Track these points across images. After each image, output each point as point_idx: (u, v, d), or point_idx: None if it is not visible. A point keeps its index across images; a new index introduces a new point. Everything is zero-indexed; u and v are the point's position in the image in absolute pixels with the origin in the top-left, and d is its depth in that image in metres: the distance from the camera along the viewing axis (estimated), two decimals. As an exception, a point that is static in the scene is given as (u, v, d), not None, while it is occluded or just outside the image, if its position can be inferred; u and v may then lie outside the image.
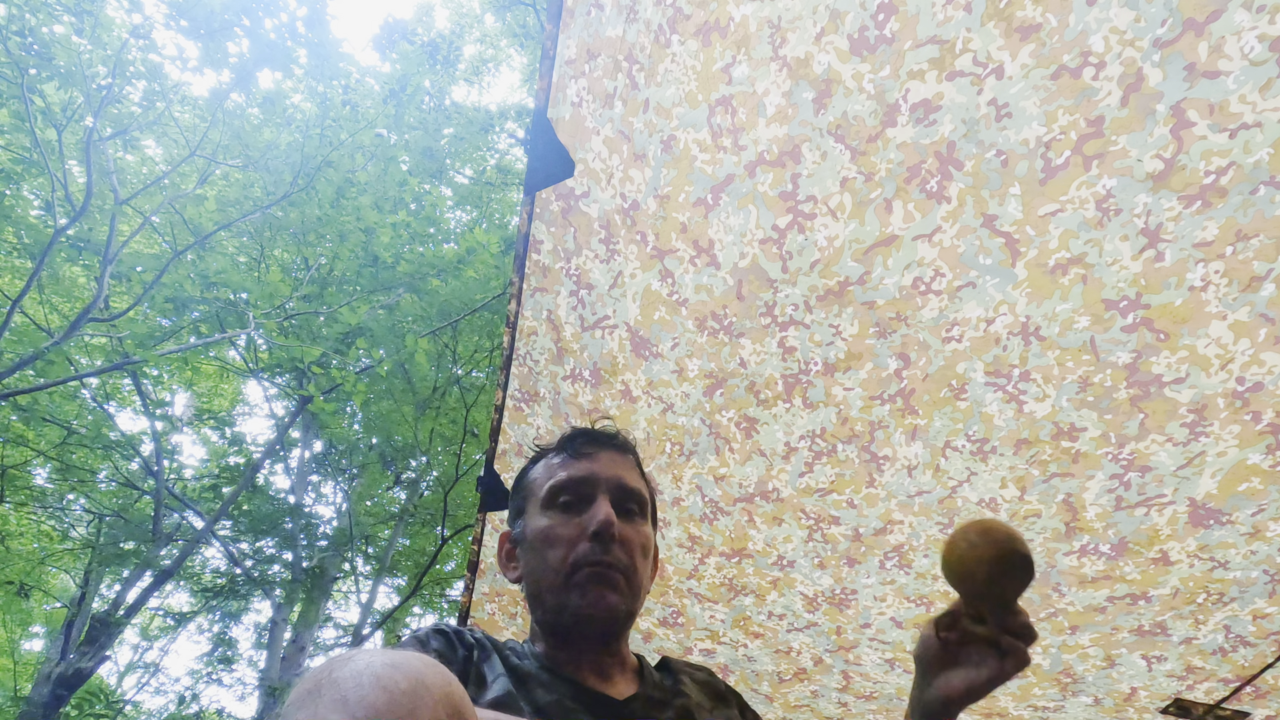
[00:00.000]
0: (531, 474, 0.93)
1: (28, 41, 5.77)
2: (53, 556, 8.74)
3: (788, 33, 1.21)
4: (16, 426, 6.89)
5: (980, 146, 1.22)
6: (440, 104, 9.80)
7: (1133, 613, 1.74)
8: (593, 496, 0.85)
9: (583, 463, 0.88)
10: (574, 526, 0.83)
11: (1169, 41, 1.06)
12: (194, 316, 7.22)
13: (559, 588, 0.82)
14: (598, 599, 0.80)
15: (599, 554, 0.81)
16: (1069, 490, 1.56)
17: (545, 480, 0.89)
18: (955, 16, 1.12)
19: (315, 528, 8.28)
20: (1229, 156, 1.12)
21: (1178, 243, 1.22)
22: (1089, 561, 1.66)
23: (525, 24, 9.70)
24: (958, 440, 1.57)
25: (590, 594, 0.80)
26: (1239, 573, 1.59)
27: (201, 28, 6.66)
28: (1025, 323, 1.38)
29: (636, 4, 1.29)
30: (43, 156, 5.96)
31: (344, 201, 7.61)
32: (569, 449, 0.90)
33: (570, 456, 0.89)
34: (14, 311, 5.57)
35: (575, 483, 0.86)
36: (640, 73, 1.35)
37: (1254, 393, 1.33)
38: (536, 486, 0.90)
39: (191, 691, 9.37)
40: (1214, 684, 1.85)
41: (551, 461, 0.91)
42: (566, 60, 1.42)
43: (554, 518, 0.85)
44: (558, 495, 0.86)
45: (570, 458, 0.89)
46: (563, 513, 0.85)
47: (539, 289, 1.69)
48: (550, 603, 0.83)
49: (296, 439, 9.04)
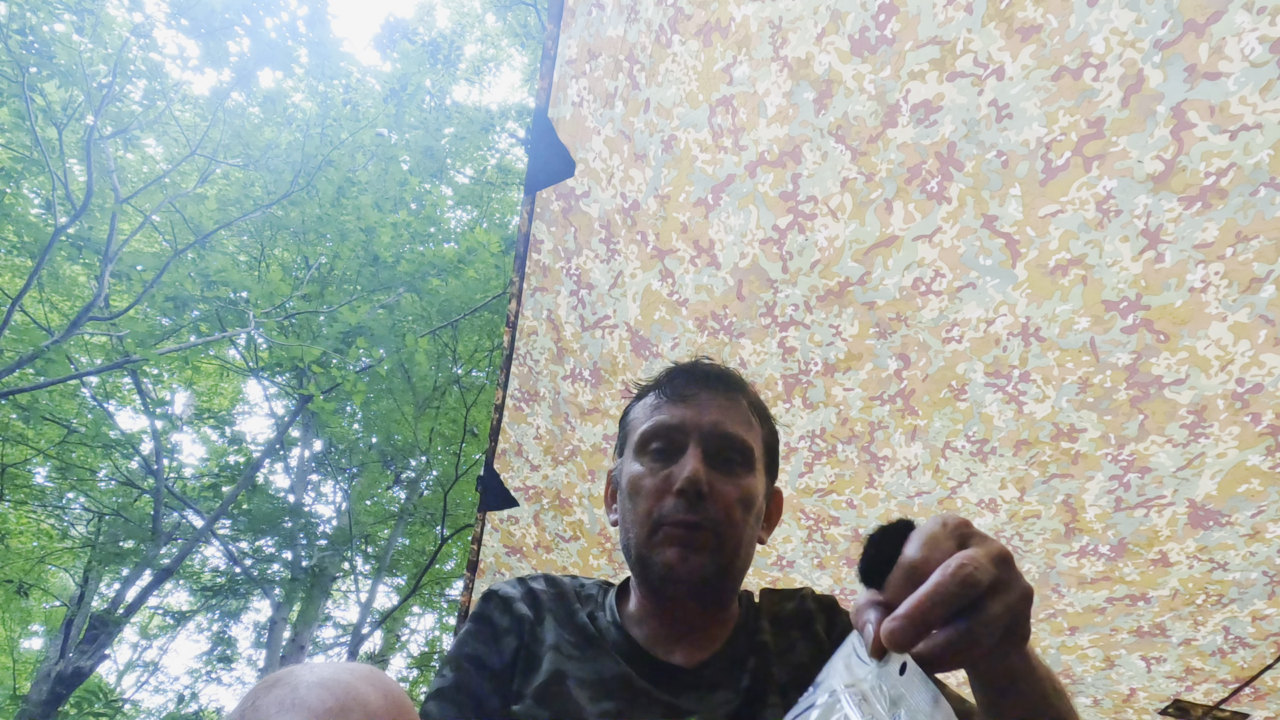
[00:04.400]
0: (632, 413, 0.87)
1: (28, 40, 5.77)
2: (52, 555, 8.74)
3: (789, 33, 1.21)
4: (16, 425, 6.89)
5: (981, 147, 1.23)
6: (441, 103, 9.80)
7: (1132, 614, 1.74)
8: (685, 445, 0.78)
9: (678, 407, 0.80)
10: (662, 478, 0.77)
11: (1170, 43, 1.06)
12: (194, 315, 7.22)
13: (644, 542, 0.77)
14: (680, 560, 0.74)
15: (684, 511, 0.75)
16: (1069, 491, 1.56)
17: (640, 423, 0.82)
18: (956, 17, 1.12)
19: (315, 527, 8.28)
20: (1229, 158, 1.12)
21: (1178, 244, 1.22)
22: (1088, 562, 1.66)
23: (526, 24, 9.70)
24: (957, 441, 1.57)
25: (672, 553, 0.74)
26: (1238, 574, 1.59)
27: (202, 27, 6.66)
28: (1025, 323, 1.38)
29: (637, 4, 1.29)
30: (43, 155, 5.96)
31: (344, 201, 7.61)
32: (667, 390, 0.83)
33: (667, 398, 0.82)
34: (14, 310, 5.57)
35: (668, 429, 0.79)
36: (641, 73, 1.35)
37: (1254, 394, 1.33)
38: (633, 428, 0.84)
39: (191, 690, 9.37)
40: (1213, 685, 1.85)
41: (648, 402, 0.84)
42: (567, 60, 1.42)
43: (645, 465, 0.79)
44: (649, 442, 0.80)
45: (667, 400, 0.82)
46: (654, 460, 0.79)
47: (539, 289, 1.69)
48: (637, 555, 0.78)
49: (296, 438, 9.04)
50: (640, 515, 0.78)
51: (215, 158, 7.28)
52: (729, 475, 0.78)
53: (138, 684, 10.30)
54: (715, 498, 0.76)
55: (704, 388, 0.82)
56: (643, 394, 0.87)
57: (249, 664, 9.41)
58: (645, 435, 0.80)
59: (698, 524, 0.75)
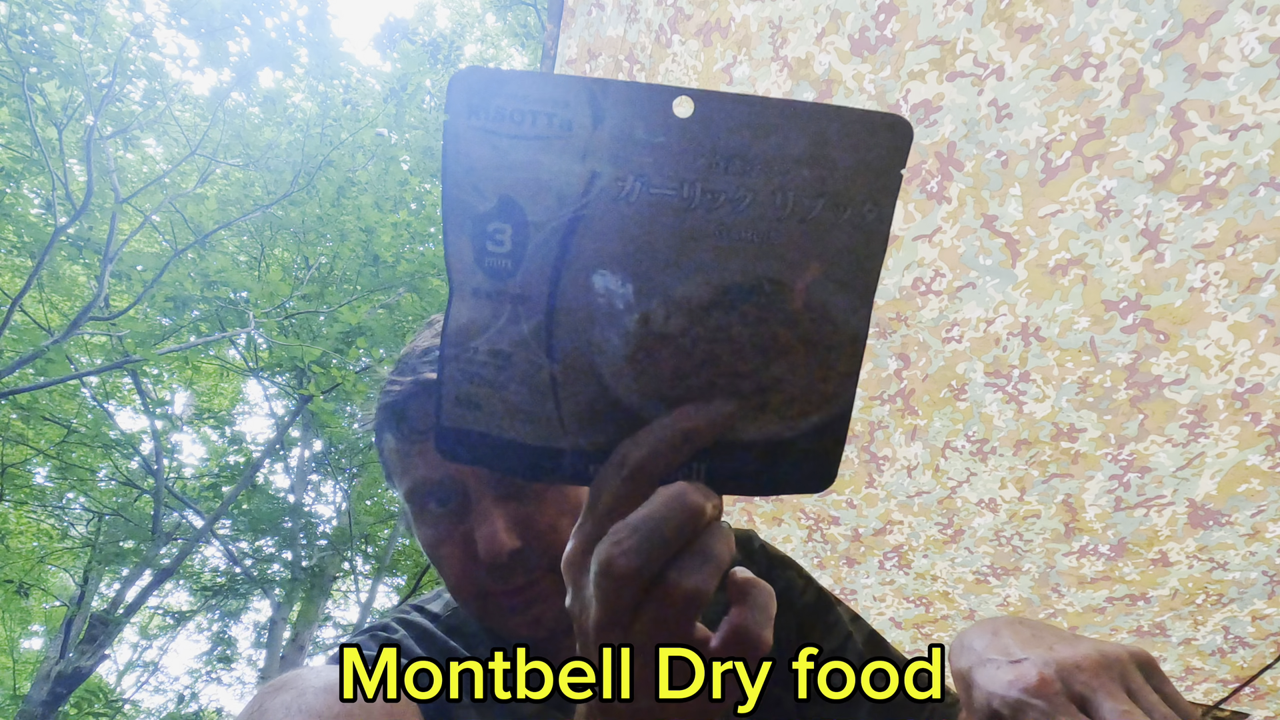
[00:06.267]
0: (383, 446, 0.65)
1: (28, 40, 5.77)
2: (52, 555, 8.74)
3: (789, 33, 1.21)
4: (16, 425, 6.90)
5: (980, 147, 1.23)
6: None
7: (1132, 613, 1.74)
8: (465, 493, 0.59)
9: (426, 450, 0.60)
10: (461, 543, 0.60)
11: (1169, 43, 1.06)
12: (194, 315, 7.23)
13: (473, 612, 0.63)
14: (525, 623, 0.60)
15: (502, 582, 0.59)
16: (1068, 491, 1.56)
17: (397, 473, 0.62)
18: (956, 17, 1.12)
19: (315, 527, 8.28)
20: (1229, 158, 1.12)
21: (1178, 244, 1.22)
22: (1088, 562, 1.67)
23: (526, 24, 9.71)
24: (957, 441, 1.57)
25: (511, 621, 0.60)
26: (1238, 574, 1.59)
27: (202, 27, 6.66)
28: (1025, 323, 1.38)
29: (637, 4, 1.29)
30: (43, 155, 5.96)
31: (345, 201, 7.61)
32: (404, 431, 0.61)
33: (411, 442, 0.60)
34: (14, 310, 5.58)
35: (433, 487, 0.59)
36: (641, 72, 1.35)
37: (1253, 394, 1.33)
38: (392, 475, 0.64)
39: (191, 690, 9.38)
40: (1213, 685, 1.85)
41: (389, 442, 0.62)
42: (567, 60, 1.42)
43: (430, 525, 0.61)
44: (422, 502, 0.61)
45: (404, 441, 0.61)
46: (438, 520, 0.61)
47: (539, 288, 1.69)
48: (473, 615, 0.64)
49: (296, 438, 9.05)
50: (453, 586, 0.62)
51: (215, 158, 7.28)
52: (534, 496, 0.60)
53: (138, 684, 10.31)
54: (533, 541, 0.59)
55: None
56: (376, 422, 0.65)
57: (249, 664, 9.42)
58: (411, 495, 0.61)
59: (525, 585, 0.60)
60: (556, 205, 0.29)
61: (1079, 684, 0.41)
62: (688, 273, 0.30)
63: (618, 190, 0.29)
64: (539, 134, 0.28)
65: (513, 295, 0.30)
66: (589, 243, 0.29)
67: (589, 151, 0.28)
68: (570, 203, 0.29)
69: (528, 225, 0.29)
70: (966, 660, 0.48)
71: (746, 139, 0.28)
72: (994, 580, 1.80)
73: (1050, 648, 0.44)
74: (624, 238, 0.29)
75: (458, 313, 0.31)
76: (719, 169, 0.29)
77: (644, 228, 0.29)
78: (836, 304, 0.30)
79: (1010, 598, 1.83)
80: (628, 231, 0.29)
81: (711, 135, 0.28)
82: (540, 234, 0.29)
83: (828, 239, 0.30)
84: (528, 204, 0.29)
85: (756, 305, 0.30)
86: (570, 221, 0.29)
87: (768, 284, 0.30)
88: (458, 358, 0.31)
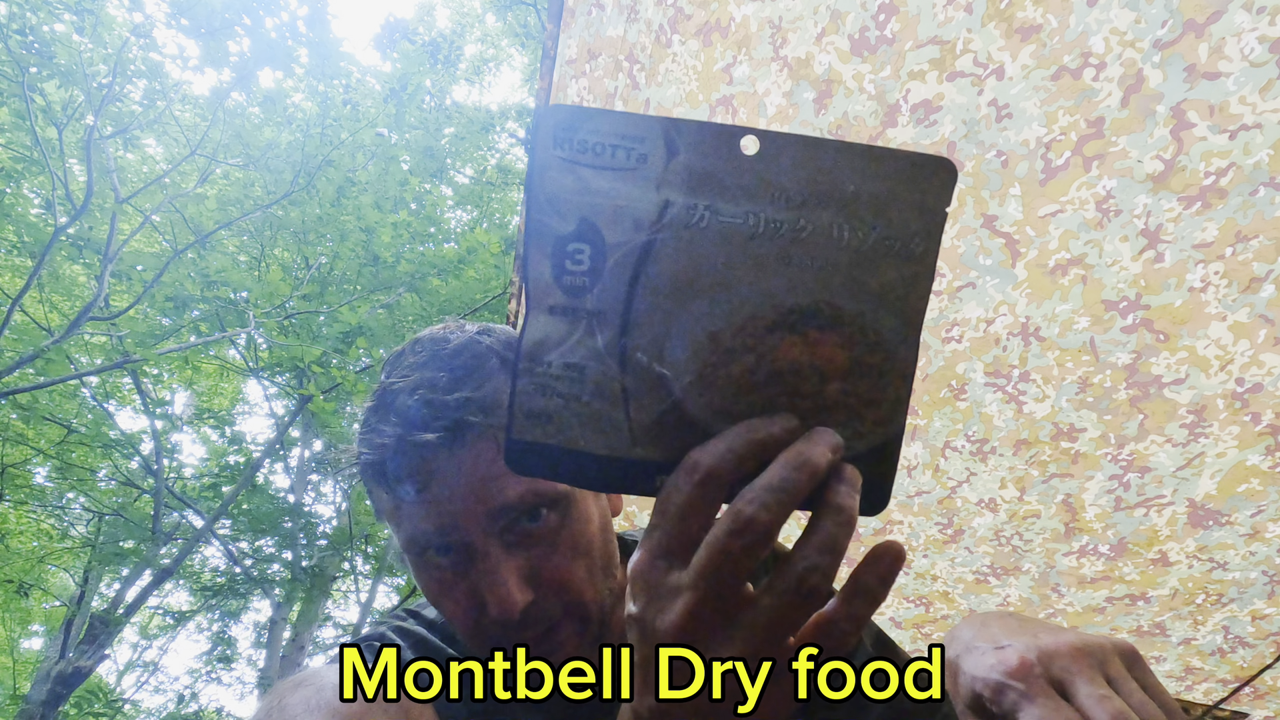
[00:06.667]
0: (368, 486, 0.60)
1: (28, 40, 5.77)
2: (52, 555, 8.75)
3: (788, 33, 1.21)
4: (16, 425, 6.90)
5: (980, 147, 1.23)
6: (441, 103, 9.81)
7: (1132, 613, 1.74)
8: (469, 545, 0.54)
9: (422, 506, 0.55)
10: (465, 593, 0.56)
11: (1169, 42, 1.06)
12: (194, 315, 7.23)
13: (477, 649, 0.59)
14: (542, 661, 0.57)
15: (516, 635, 0.55)
16: (1068, 491, 1.56)
17: (391, 522, 0.58)
18: (956, 17, 1.12)
19: (315, 527, 8.28)
20: (1229, 158, 1.12)
21: (1177, 244, 1.22)
22: (1088, 562, 1.67)
23: (526, 24, 9.71)
24: (957, 440, 1.57)
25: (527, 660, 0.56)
26: (1238, 574, 1.59)
27: (202, 26, 6.67)
28: (1025, 323, 1.38)
29: (637, 4, 1.29)
30: (43, 155, 5.96)
31: (345, 201, 7.62)
32: (386, 486, 0.56)
33: (395, 496, 0.56)
34: (14, 310, 5.58)
35: (434, 536, 0.55)
36: (641, 72, 1.35)
37: (1253, 394, 1.33)
38: (383, 516, 0.60)
39: (190, 690, 9.38)
40: (1213, 685, 1.85)
41: (380, 494, 0.58)
42: (567, 60, 1.42)
43: (433, 575, 0.57)
44: (421, 552, 0.56)
45: (395, 498, 0.56)
46: (440, 570, 0.56)
47: (539, 288, 1.69)
48: (475, 651, 0.60)
49: (296, 438, 9.05)
50: (463, 636, 0.59)
51: (215, 158, 7.28)
52: (543, 541, 0.56)
53: (138, 684, 10.31)
54: (547, 590, 0.55)
55: (440, 451, 0.54)
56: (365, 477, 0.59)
57: (249, 664, 9.42)
58: (410, 547, 0.57)
59: (543, 633, 0.56)
60: (633, 229, 0.32)
61: (1058, 669, 0.41)
62: (753, 294, 0.32)
63: (689, 217, 0.32)
64: (618, 165, 0.31)
65: (588, 311, 0.32)
66: (662, 263, 0.32)
67: (663, 182, 0.31)
68: (645, 227, 0.32)
69: (606, 246, 0.32)
70: (955, 649, 0.49)
71: (806, 175, 0.31)
72: (994, 580, 1.80)
73: (1034, 636, 0.44)
74: (694, 260, 0.32)
75: (533, 330, 0.32)
76: (781, 201, 0.32)
77: (713, 252, 0.32)
78: (888, 331, 0.33)
79: (1010, 598, 1.83)
80: (698, 255, 0.32)
81: (775, 171, 0.31)
82: (617, 254, 0.32)
83: (880, 269, 0.32)
84: (606, 227, 0.32)
85: (816, 327, 0.32)
86: (645, 244, 0.32)
87: (826, 307, 0.32)
88: (530, 372, 0.33)
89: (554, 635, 0.57)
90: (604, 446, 0.33)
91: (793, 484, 0.30)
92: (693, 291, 0.32)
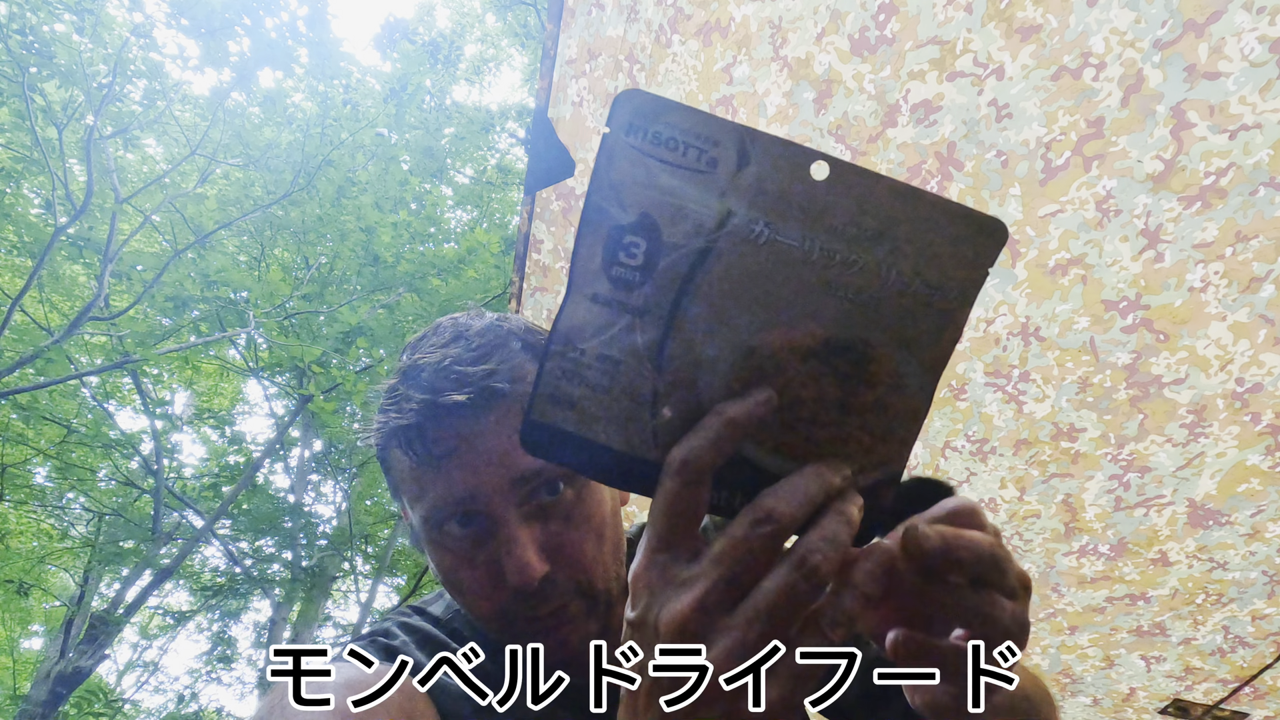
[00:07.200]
0: (391, 464, 0.61)
1: (29, 40, 5.77)
2: (52, 555, 8.75)
3: (788, 33, 1.21)
4: (16, 425, 6.90)
5: (980, 147, 1.23)
6: (441, 103, 9.81)
7: (1132, 613, 1.74)
8: (490, 513, 0.56)
9: (448, 471, 0.56)
10: (484, 569, 0.57)
11: (1169, 43, 1.06)
12: (194, 315, 7.23)
13: (497, 634, 0.60)
14: (553, 645, 0.57)
15: (532, 608, 0.56)
16: (1068, 491, 1.56)
17: (412, 494, 0.59)
18: (956, 17, 1.12)
19: (315, 527, 8.28)
20: (1229, 158, 1.12)
21: (1177, 243, 1.22)
22: (1088, 562, 1.67)
23: (526, 24, 9.71)
24: (957, 440, 1.57)
25: (539, 643, 0.56)
26: (1238, 573, 1.59)
27: (202, 26, 6.67)
28: (1025, 323, 1.38)
29: (637, 4, 1.29)
30: (43, 155, 5.96)
31: (345, 201, 7.62)
32: (419, 449, 0.57)
33: (420, 462, 0.57)
34: (14, 310, 5.58)
35: (455, 505, 0.56)
36: (641, 72, 1.35)
37: (1253, 394, 1.33)
38: (405, 496, 0.60)
39: (190, 690, 9.38)
40: (1213, 684, 1.85)
41: (403, 462, 0.58)
42: (567, 60, 1.42)
43: (450, 548, 0.58)
44: (440, 523, 0.57)
45: (421, 463, 0.57)
46: (458, 542, 0.57)
47: (539, 288, 1.69)
48: (494, 636, 0.61)
49: (296, 438, 9.05)
50: (475, 611, 0.59)
51: (215, 158, 7.28)
52: (559, 515, 0.57)
53: (138, 684, 10.31)
54: (562, 564, 0.57)
55: (465, 424, 0.55)
56: (385, 440, 0.60)
57: (249, 664, 9.41)
58: (429, 518, 0.58)
59: (553, 611, 0.57)
60: (692, 232, 0.32)
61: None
62: (796, 318, 0.32)
63: (748, 231, 0.32)
64: (688, 165, 0.31)
65: (634, 307, 0.32)
66: (714, 273, 0.32)
67: (728, 190, 0.31)
68: (704, 233, 0.32)
69: (662, 245, 0.32)
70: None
71: (868, 210, 0.32)
72: (994, 580, 1.80)
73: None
74: (746, 275, 0.32)
75: (571, 313, 0.32)
76: (838, 232, 0.32)
77: (764, 269, 0.32)
78: (911, 376, 0.33)
79: (1010, 597, 1.83)
80: (750, 270, 0.32)
81: (839, 201, 0.32)
82: (673, 255, 0.32)
83: (917, 316, 0.33)
84: (666, 225, 0.31)
85: (849, 362, 0.33)
86: (701, 250, 0.32)
87: (860, 344, 0.33)
88: (562, 354, 0.32)
89: (565, 611, 0.58)
90: (624, 443, 0.33)
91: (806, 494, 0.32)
92: (738, 306, 0.32)
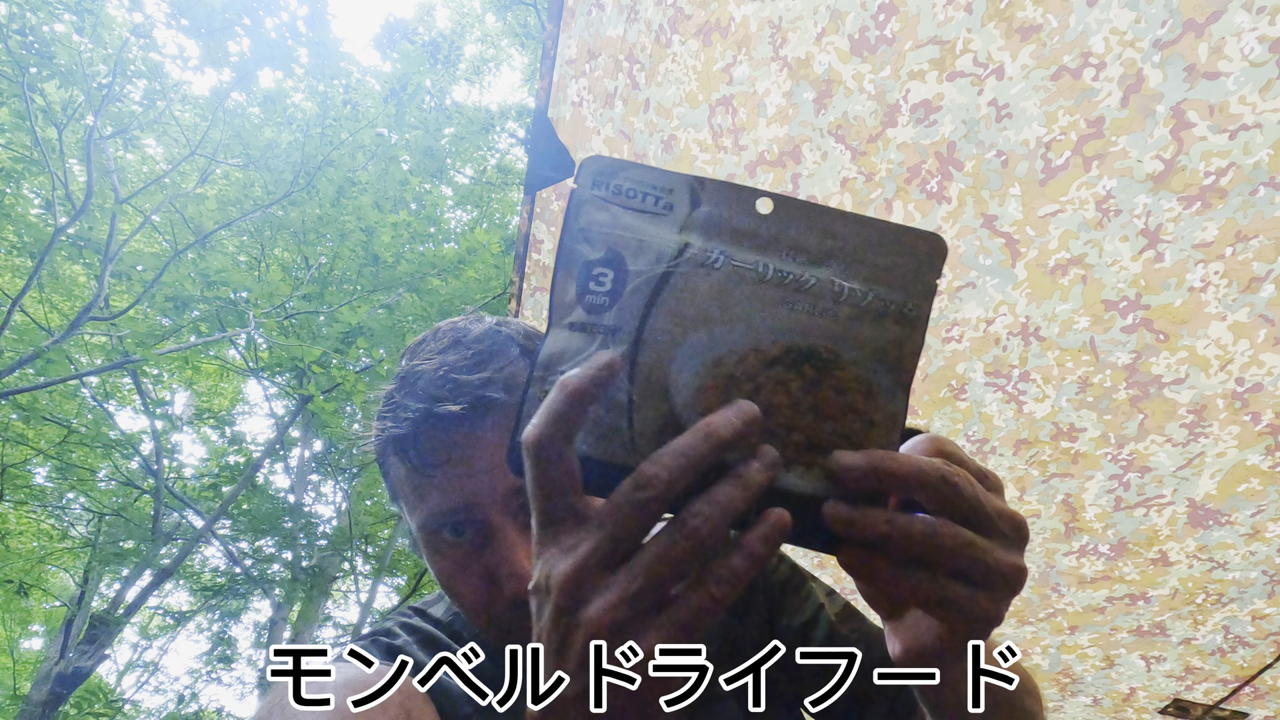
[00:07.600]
0: (386, 467, 0.62)
1: (28, 40, 5.77)
2: (52, 555, 8.75)
3: (788, 33, 1.21)
4: (16, 425, 6.90)
5: (980, 147, 1.23)
6: (441, 103, 9.81)
7: (1132, 613, 1.74)
8: (485, 526, 0.56)
9: (443, 480, 0.57)
10: (479, 573, 0.57)
11: (1169, 42, 1.06)
12: (194, 315, 7.23)
13: (493, 637, 0.60)
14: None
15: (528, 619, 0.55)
16: (1068, 490, 1.56)
17: (407, 502, 0.60)
18: (956, 17, 1.12)
19: (315, 527, 8.28)
20: (1229, 157, 1.12)
21: (1177, 243, 1.22)
22: (1088, 562, 1.67)
23: (526, 24, 9.71)
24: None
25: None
26: (1238, 573, 1.59)
27: (202, 27, 6.67)
28: (1025, 323, 1.38)
29: (637, 4, 1.29)
30: (43, 155, 5.96)
31: (345, 201, 7.61)
32: (408, 459, 0.58)
33: (416, 470, 0.58)
34: (14, 310, 5.58)
35: (449, 514, 0.57)
36: (641, 72, 1.35)
37: (1253, 393, 1.33)
38: (399, 497, 0.61)
39: (190, 690, 9.38)
40: (1213, 684, 1.85)
41: (399, 470, 0.59)
42: (567, 60, 1.42)
43: (444, 554, 0.59)
44: (435, 532, 0.58)
45: (417, 472, 0.58)
46: (452, 548, 0.58)
47: (539, 289, 1.69)
48: (492, 642, 0.61)
49: (296, 438, 9.05)
50: (474, 620, 0.60)
51: (215, 158, 7.28)
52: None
53: (138, 684, 10.31)
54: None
55: (463, 425, 0.56)
56: (383, 448, 0.61)
57: (249, 664, 9.42)
58: (426, 526, 0.58)
59: None
60: (654, 261, 0.35)
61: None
62: (758, 329, 0.35)
63: (705, 257, 0.35)
64: (647, 209, 0.36)
65: (605, 327, 0.35)
66: (677, 292, 0.35)
67: (685, 226, 0.36)
68: (665, 260, 0.35)
69: (628, 273, 0.35)
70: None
71: (814, 237, 0.36)
72: (994, 580, 1.80)
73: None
74: (708, 292, 0.35)
75: (552, 343, 0.36)
76: (789, 256, 0.35)
77: (725, 287, 0.35)
78: (880, 382, 0.36)
79: (1010, 597, 1.83)
80: (712, 288, 0.35)
81: (785, 229, 0.35)
82: (637, 280, 0.35)
83: (876, 326, 0.36)
84: (630, 257, 0.35)
85: (814, 367, 0.35)
86: (664, 274, 0.35)
87: (824, 351, 0.35)
88: (543, 380, 0.35)
89: None
90: (605, 452, 0.35)
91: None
92: (703, 320, 0.35)
